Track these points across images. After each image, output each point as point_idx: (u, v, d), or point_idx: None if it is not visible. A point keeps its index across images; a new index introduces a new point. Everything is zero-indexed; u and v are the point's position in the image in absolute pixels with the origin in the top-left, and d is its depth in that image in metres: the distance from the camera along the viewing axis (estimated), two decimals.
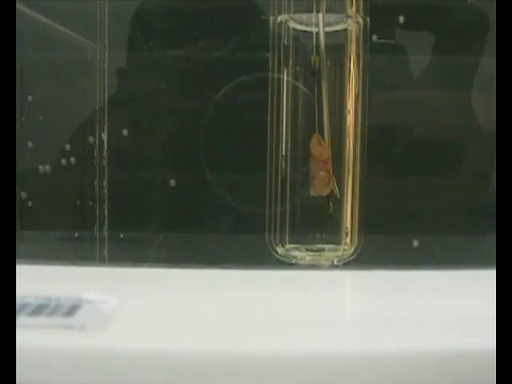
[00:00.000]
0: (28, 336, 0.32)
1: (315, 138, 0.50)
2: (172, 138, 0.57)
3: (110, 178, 0.54)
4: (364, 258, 0.50)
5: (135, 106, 0.57)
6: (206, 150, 0.56)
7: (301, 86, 0.51)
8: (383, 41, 0.57)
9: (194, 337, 0.33)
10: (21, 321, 0.33)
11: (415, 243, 0.52)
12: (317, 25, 0.49)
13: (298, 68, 0.51)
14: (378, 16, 0.53)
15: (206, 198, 0.56)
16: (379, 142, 0.55)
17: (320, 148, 0.49)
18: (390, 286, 0.41)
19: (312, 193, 0.50)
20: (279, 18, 0.50)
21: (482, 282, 0.42)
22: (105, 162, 0.54)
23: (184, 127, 0.57)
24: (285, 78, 0.51)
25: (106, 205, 0.54)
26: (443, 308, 0.37)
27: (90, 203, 0.54)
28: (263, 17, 0.55)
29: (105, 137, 0.54)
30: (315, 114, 0.50)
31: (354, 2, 0.50)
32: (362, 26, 0.50)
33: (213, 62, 0.57)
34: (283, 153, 0.51)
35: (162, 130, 0.57)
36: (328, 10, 0.49)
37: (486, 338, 0.33)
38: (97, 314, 0.35)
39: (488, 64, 0.59)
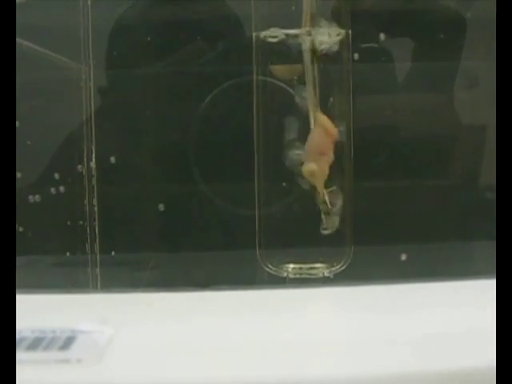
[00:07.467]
0: (26, 371, 0.33)
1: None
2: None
3: (99, 197, 0.54)
4: (355, 268, 0.50)
5: (121, 122, 0.57)
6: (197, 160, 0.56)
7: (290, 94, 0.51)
8: (367, 45, 0.58)
9: (189, 367, 0.33)
10: (18, 356, 0.34)
11: (403, 257, 0.53)
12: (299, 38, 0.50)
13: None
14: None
15: (197, 214, 0.56)
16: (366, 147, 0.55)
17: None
18: (381, 302, 0.41)
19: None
20: (262, 34, 0.50)
21: (472, 293, 0.43)
22: (93, 181, 0.54)
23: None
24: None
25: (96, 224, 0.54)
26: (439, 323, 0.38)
27: (81, 223, 0.54)
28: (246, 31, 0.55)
29: (93, 152, 0.54)
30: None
31: (335, 16, 0.50)
32: (344, 39, 0.51)
33: (197, 74, 0.58)
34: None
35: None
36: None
37: (484, 356, 0.33)
38: (92, 345, 0.35)
39: (468, 66, 0.59)
